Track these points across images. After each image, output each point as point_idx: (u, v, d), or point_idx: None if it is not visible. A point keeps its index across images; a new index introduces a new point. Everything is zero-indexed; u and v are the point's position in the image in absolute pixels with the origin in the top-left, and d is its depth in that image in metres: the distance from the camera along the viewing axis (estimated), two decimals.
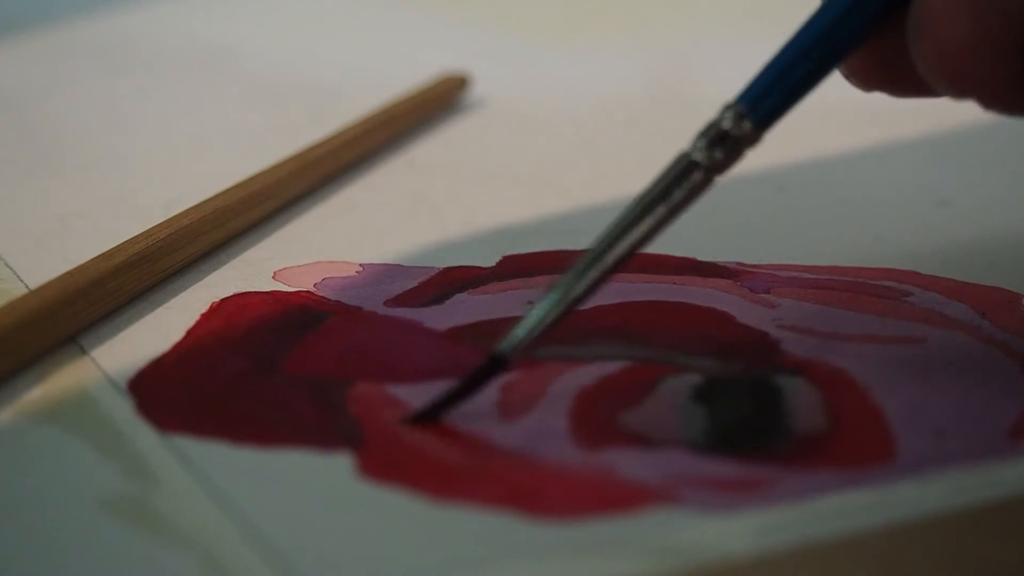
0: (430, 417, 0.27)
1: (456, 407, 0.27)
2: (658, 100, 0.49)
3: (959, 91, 0.27)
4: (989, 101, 0.27)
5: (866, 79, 0.29)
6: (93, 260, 0.31)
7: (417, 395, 0.28)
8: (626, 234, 0.27)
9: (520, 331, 0.27)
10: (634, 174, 0.41)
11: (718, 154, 0.27)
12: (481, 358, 0.27)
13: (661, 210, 0.27)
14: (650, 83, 0.51)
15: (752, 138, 0.28)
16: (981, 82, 0.26)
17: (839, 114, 0.45)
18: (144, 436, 0.27)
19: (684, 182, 0.27)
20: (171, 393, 0.28)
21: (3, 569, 0.23)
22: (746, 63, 0.55)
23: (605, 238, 0.27)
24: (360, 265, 0.34)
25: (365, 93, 0.46)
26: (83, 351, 0.30)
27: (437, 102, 0.46)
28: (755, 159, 0.44)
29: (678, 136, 0.45)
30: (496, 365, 0.27)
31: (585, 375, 0.29)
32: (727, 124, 0.28)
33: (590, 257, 0.27)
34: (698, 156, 0.27)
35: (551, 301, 0.27)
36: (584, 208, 0.38)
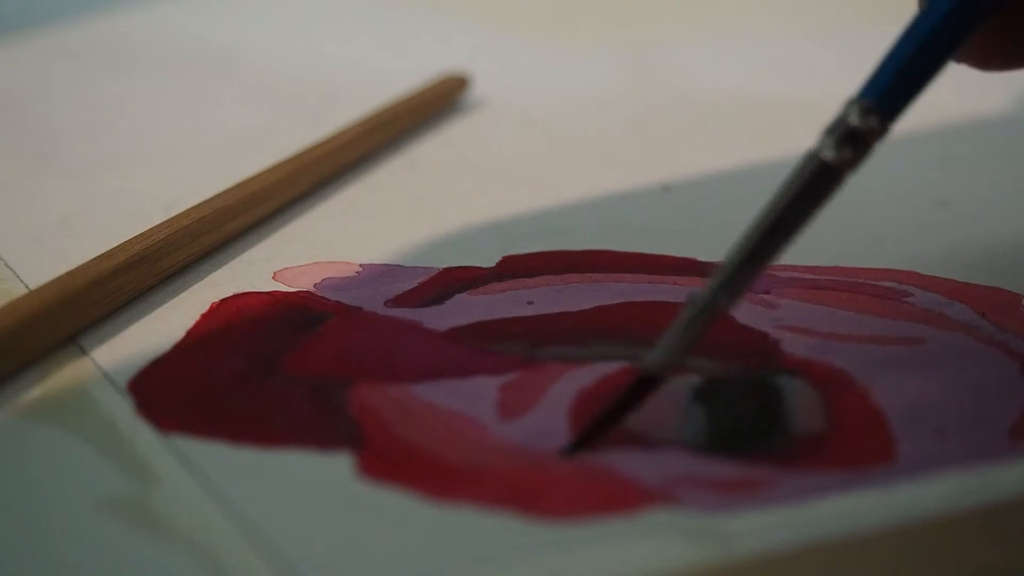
0: (585, 445, 0.26)
1: (609, 432, 0.26)
2: (658, 99, 0.49)
3: None
4: None
5: (959, 53, 0.29)
6: (93, 260, 0.31)
7: (417, 395, 0.28)
8: (764, 240, 0.26)
9: (665, 345, 0.26)
10: (635, 174, 0.41)
11: (847, 152, 0.27)
12: (630, 378, 0.26)
13: (795, 214, 0.27)
14: (650, 82, 0.51)
15: (879, 132, 0.27)
16: None
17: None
18: (144, 436, 0.27)
19: (817, 183, 0.27)
20: (171, 393, 0.28)
21: (3, 569, 0.23)
22: (746, 61, 0.55)
23: (743, 245, 0.26)
24: (360, 265, 0.34)
25: (365, 93, 0.46)
26: (83, 351, 0.30)
27: (437, 102, 0.46)
28: (755, 159, 0.44)
29: (678, 135, 0.45)
30: (646, 384, 0.26)
31: (585, 375, 0.29)
32: (854, 120, 0.27)
33: (729, 266, 0.26)
34: (828, 155, 0.27)
35: (692, 312, 0.26)
36: (584, 208, 0.38)
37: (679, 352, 0.26)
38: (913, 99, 0.28)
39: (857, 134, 0.27)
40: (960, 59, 0.30)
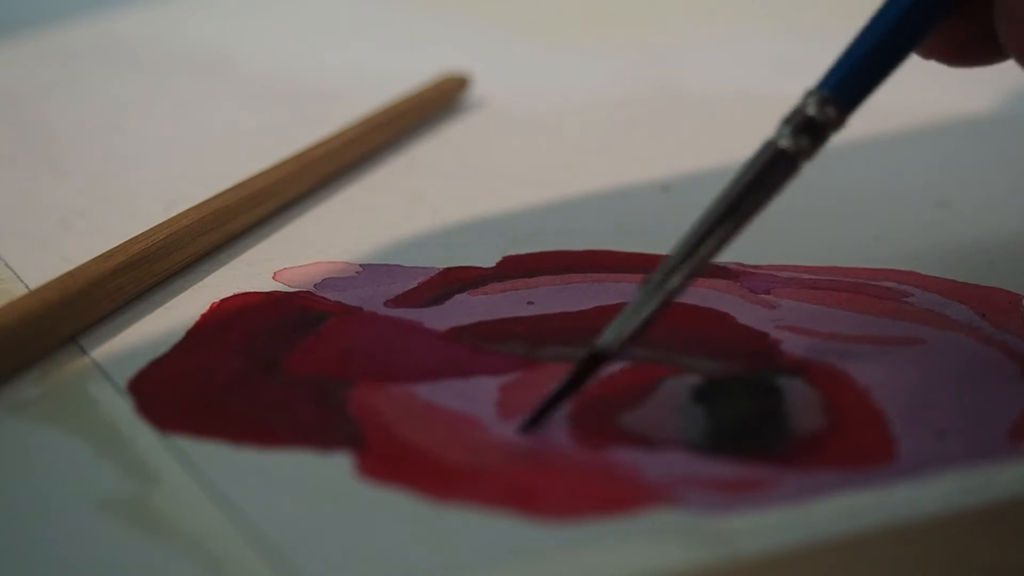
0: (537, 422, 0.27)
1: (561, 406, 0.27)
2: (657, 99, 0.49)
3: None
4: None
5: (928, 49, 0.30)
6: (93, 260, 0.31)
7: (417, 395, 0.28)
8: (717, 225, 0.27)
9: (617, 324, 0.27)
10: (634, 173, 0.41)
11: (804, 141, 0.28)
12: (582, 354, 0.27)
13: (750, 200, 0.27)
14: (649, 82, 0.51)
15: (836, 123, 0.28)
16: None
17: None
18: (144, 436, 0.27)
19: (772, 170, 0.28)
20: (171, 393, 0.28)
21: (3, 569, 0.23)
22: (746, 60, 0.55)
23: (697, 230, 0.27)
24: (360, 265, 0.34)
25: (365, 93, 0.46)
26: (83, 351, 0.30)
27: (437, 102, 0.46)
28: None
29: (678, 135, 0.45)
30: (597, 360, 0.27)
31: None
32: (811, 110, 0.28)
33: (682, 250, 0.27)
34: (784, 143, 0.28)
35: (645, 294, 0.27)
36: (584, 208, 0.38)
37: (630, 332, 0.27)
38: (870, 92, 0.28)
39: (814, 124, 0.28)
40: (928, 55, 0.30)
